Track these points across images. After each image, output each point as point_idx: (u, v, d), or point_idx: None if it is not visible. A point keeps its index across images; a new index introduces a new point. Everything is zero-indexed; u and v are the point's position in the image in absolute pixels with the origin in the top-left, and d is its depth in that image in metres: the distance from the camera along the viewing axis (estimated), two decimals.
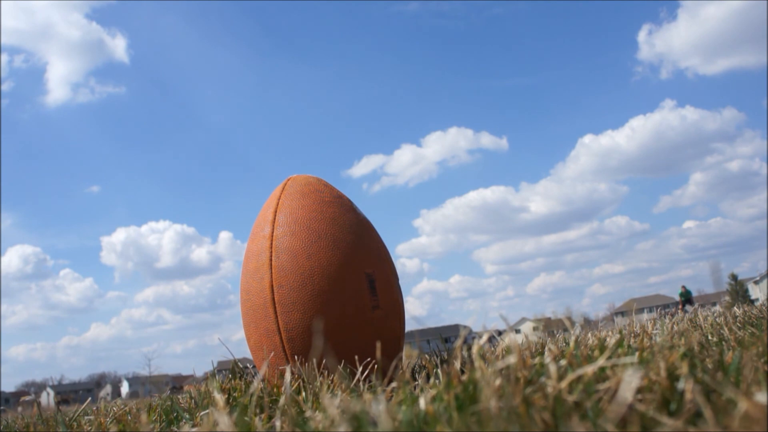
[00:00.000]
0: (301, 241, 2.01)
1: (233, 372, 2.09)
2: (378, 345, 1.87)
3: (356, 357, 1.84)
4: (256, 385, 1.12)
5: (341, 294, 1.95)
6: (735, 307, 2.73)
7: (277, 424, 0.64)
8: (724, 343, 0.95)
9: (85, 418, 1.48)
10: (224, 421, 0.54)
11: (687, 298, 21.82)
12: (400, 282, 2.24)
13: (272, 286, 1.98)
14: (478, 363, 0.65)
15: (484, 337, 0.78)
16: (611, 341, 0.79)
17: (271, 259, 2.02)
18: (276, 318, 1.95)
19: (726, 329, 1.23)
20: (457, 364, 0.75)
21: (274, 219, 2.11)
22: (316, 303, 1.92)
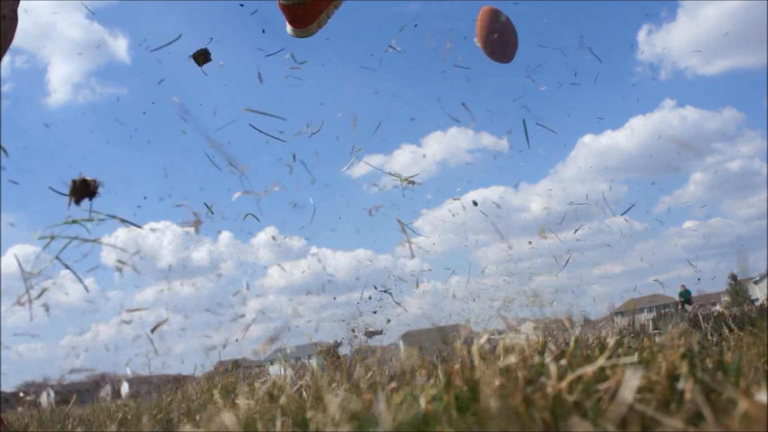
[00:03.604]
0: None
1: (233, 372, 2.09)
2: None
3: None
4: (257, 384, 1.12)
5: None
6: (735, 307, 2.72)
7: (278, 423, 0.64)
8: (724, 343, 0.95)
9: (85, 418, 1.48)
10: (224, 420, 0.54)
11: (686, 298, 21.61)
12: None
13: None
14: (478, 363, 0.65)
15: (484, 337, 0.78)
16: (611, 341, 0.79)
17: None
18: None
19: (726, 329, 1.23)
20: (457, 364, 0.75)
21: None
22: None
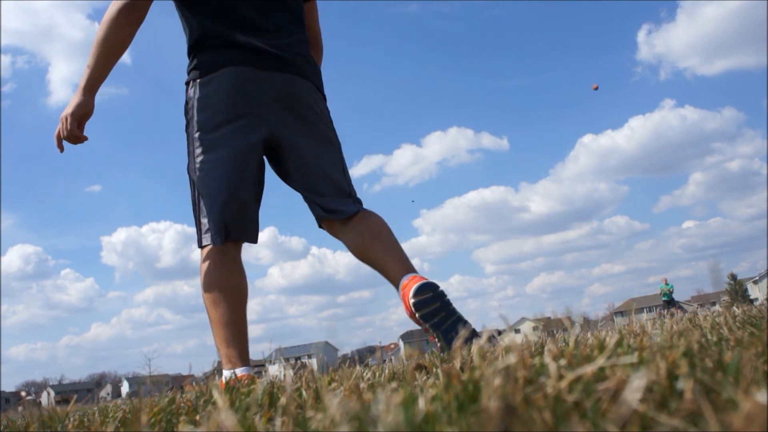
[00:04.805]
0: None
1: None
2: None
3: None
4: (257, 384, 1.12)
5: None
6: (734, 307, 2.73)
7: (278, 423, 0.64)
8: (723, 342, 0.95)
9: (85, 417, 1.48)
10: (225, 420, 0.54)
11: (669, 295, 19.67)
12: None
13: None
14: (478, 363, 0.65)
15: (484, 337, 0.78)
16: (611, 341, 0.79)
17: None
18: None
19: (726, 329, 1.23)
20: (457, 364, 0.75)
21: None
22: None
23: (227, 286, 1.92)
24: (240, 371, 1.84)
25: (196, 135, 1.95)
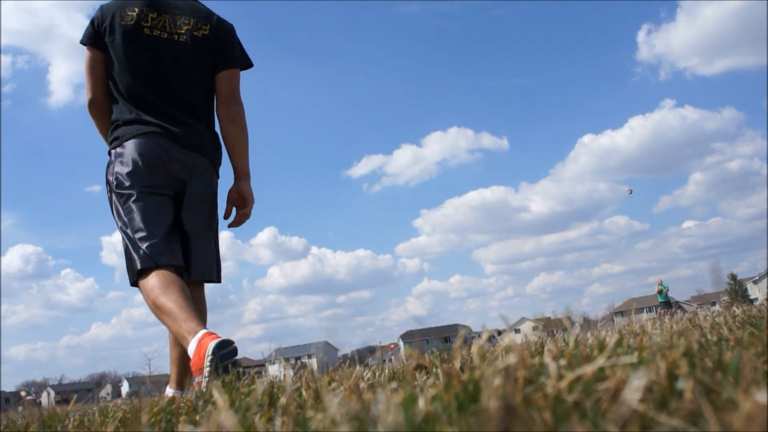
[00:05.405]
0: None
1: (232, 372, 2.09)
2: None
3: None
4: (257, 384, 1.12)
5: None
6: (734, 307, 2.73)
7: (278, 423, 0.64)
8: (723, 342, 0.95)
9: (85, 417, 1.47)
10: (225, 420, 0.54)
11: (666, 297, 19.05)
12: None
13: None
14: (478, 363, 0.65)
15: (484, 337, 0.78)
16: (611, 341, 0.79)
17: None
18: None
19: (726, 329, 1.23)
20: (457, 364, 0.75)
21: None
22: None
23: (166, 283, 2.09)
24: (202, 333, 1.88)
25: (118, 190, 2.31)
